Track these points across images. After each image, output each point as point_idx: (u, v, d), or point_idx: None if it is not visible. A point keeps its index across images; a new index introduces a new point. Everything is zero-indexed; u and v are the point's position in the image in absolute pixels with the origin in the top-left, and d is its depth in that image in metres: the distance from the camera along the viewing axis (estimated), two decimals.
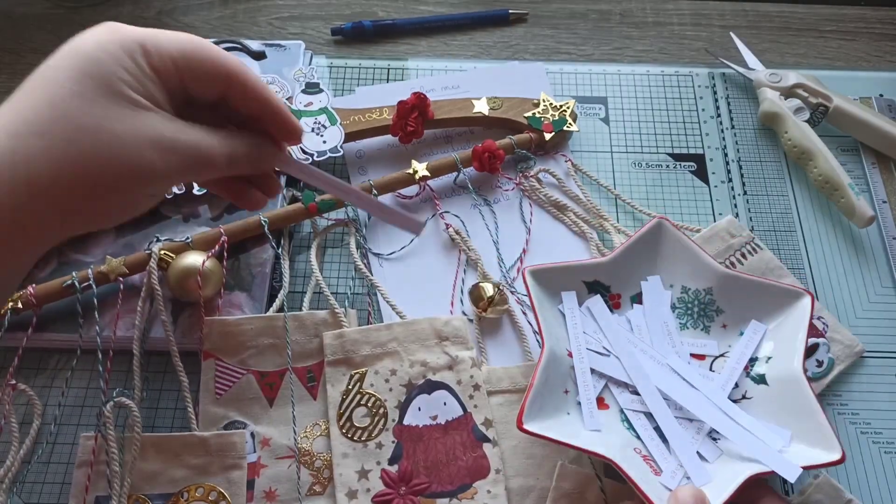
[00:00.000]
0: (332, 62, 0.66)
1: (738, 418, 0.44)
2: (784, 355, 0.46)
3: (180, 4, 0.70)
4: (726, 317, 0.49)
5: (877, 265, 0.56)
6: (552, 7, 0.72)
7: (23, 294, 0.49)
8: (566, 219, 0.57)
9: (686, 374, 0.47)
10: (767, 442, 0.43)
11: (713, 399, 0.45)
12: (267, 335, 0.49)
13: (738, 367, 0.47)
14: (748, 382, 0.47)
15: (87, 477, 0.44)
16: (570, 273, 0.49)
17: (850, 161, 0.61)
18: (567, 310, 0.48)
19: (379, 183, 0.55)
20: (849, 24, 0.71)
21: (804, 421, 0.43)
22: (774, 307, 0.48)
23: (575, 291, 0.49)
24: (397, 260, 0.55)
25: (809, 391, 0.43)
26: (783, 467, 0.40)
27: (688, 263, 0.50)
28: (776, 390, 0.45)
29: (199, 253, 0.50)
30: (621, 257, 0.50)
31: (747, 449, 0.43)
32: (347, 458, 0.46)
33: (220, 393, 0.48)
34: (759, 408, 0.45)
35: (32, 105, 0.30)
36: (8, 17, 0.68)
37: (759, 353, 0.47)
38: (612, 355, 0.48)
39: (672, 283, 0.51)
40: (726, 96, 0.65)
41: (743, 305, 0.49)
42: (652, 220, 0.50)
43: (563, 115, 0.60)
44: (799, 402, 0.43)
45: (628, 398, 0.47)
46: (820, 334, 0.52)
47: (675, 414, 0.45)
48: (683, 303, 0.50)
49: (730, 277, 0.49)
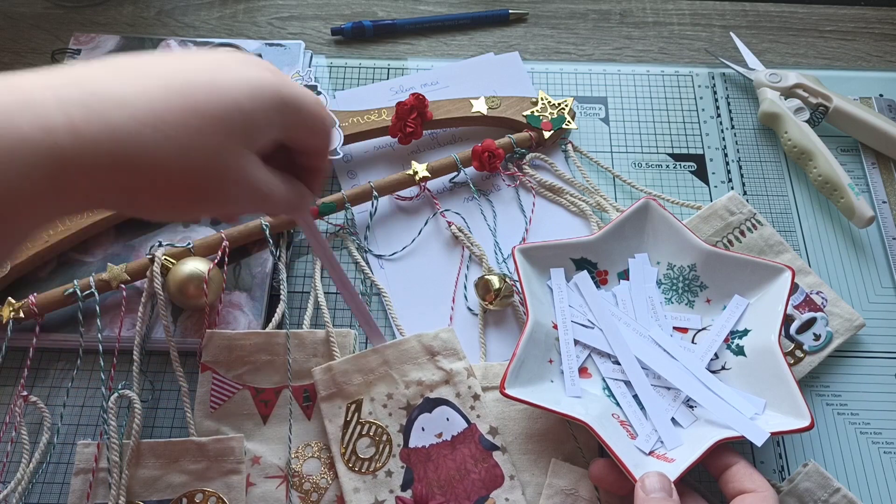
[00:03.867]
0: (332, 62, 0.66)
1: (713, 387, 0.46)
2: (763, 328, 0.47)
3: (180, 4, 0.70)
4: (710, 292, 0.51)
5: (876, 265, 0.56)
6: (552, 7, 0.72)
7: (24, 303, 0.49)
8: (563, 201, 0.58)
9: (667, 346, 0.49)
10: (741, 409, 0.44)
11: (692, 369, 0.47)
12: (265, 352, 0.49)
13: (718, 339, 0.49)
14: (728, 354, 0.49)
15: (88, 484, 0.44)
16: (559, 250, 0.51)
17: (850, 161, 0.61)
18: (555, 285, 0.50)
19: (379, 184, 0.55)
20: (849, 24, 0.71)
21: (778, 390, 0.44)
22: (756, 282, 0.49)
23: (563, 268, 0.51)
24: (398, 260, 0.55)
25: (783, 362, 0.45)
26: (752, 432, 0.42)
27: (673, 241, 0.51)
28: (753, 361, 0.47)
29: (200, 259, 0.50)
30: (609, 235, 0.51)
31: (720, 415, 0.44)
32: (359, 492, 0.45)
33: (215, 406, 0.47)
34: (738, 378, 0.47)
35: (166, 103, 0.29)
36: (8, 17, 0.68)
37: (739, 327, 0.49)
38: (597, 328, 0.50)
39: (658, 260, 0.52)
40: (726, 96, 0.65)
41: (726, 281, 0.50)
42: (639, 199, 0.52)
43: (561, 113, 0.60)
44: (773, 373, 0.45)
45: (610, 367, 0.49)
46: (819, 308, 0.52)
47: (653, 383, 0.47)
48: (669, 279, 0.52)
49: (713, 255, 0.50)
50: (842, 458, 0.49)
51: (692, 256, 0.51)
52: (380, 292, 0.53)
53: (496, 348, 0.52)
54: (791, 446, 0.49)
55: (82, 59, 0.62)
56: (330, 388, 0.48)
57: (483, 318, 0.52)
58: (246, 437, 0.47)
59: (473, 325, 0.52)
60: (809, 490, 0.45)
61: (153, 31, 0.68)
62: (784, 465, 0.49)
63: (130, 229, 0.54)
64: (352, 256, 0.55)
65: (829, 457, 0.49)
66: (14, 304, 0.49)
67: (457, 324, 0.52)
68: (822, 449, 0.49)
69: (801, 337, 0.51)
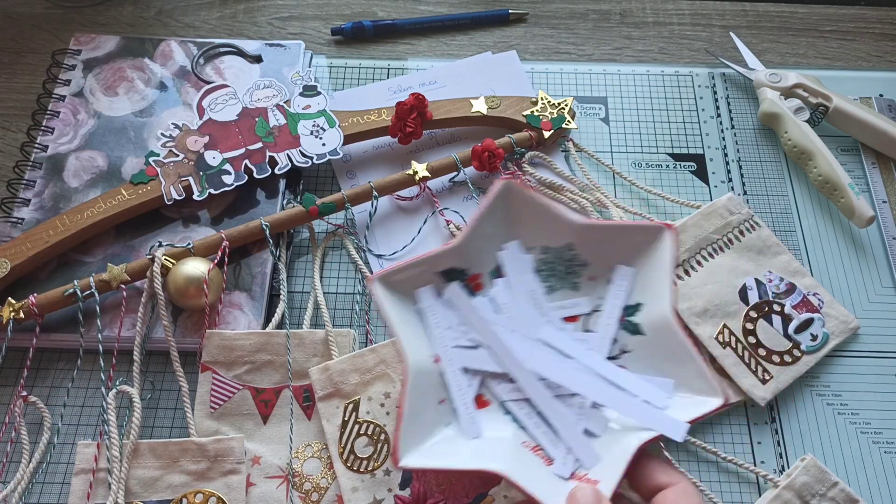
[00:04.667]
0: (332, 62, 0.66)
1: (618, 380, 0.43)
2: (655, 300, 0.43)
3: (180, 4, 0.70)
4: (592, 269, 0.47)
5: (877, 265, 0.56)
6: (552, 7, 0.72)
7: (24, 303, 0.49)
8: (563, 198, 0.58)
9: (560, 345, 0.44)
10: (651, 399, 0.41)
11: (592, 365, 0.43)
12: (265, 351, 0.49)
13: (612, 321, 0.45)
14: (624, 335, 0.45)
15: (88, 484, 0.44)
16: (421, 266, 0.45)
17: (850, 161, 0.61)
18: (426, 308, 0.45)
19: (379, 184, 0.55)
20: (849, 24, 0.71)
21: (684, 368, 0.41)
22: (637, 248, 0.45)
23: (431, 286, 0.46)
24: (398, 260, 0.55)
25: (683, 336, 0.41)
26: (669, 427, 0.39)
27: (544, 222, 0.46)
28: (652, 339, 0.43)
29: (199, 259, 0.50)
30: (472, 234, 0.45)
31: (631, 416, 0.41)
32: (357, 491, 0.45)
33: (215, 406, 0.47)
34: (640, 360, 0.43)
35: None
36: (8, 17, 0.68)
37: (631, 301, 0.45)
38: (482, 346, 0.45)
39: (532, 245, 0.48)
40: (726, 96, 0.65)
41: (606, 253, 0.46)
42: (496, 184, 0.46)
43: (561, 113, 0.60)
44: (675, 349, 0.41)
45: (507, 388, 0.44)
46: (815, 309, 0.52)
47: (555, 393, 0.43)
48: (546, 264, 0.48)
49: (587, 227, 0.46)
50: (842, 457, 0.49)
51: (567, 234, 0.46)
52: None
53: None
54: (791, 444, 0.49)
55: (82, 59, 0.62)
56: (327, 387, 0.48)
57: None
58: (246, 438, 0.47)
59: None
60: (807, 484, 0.45)
61: (153, 32, 0.68)
62: (785, 465, 0.49)
63: (130, 229, 0.54)
64: (350, 256, 0.55)
65: (830, 456, 0.49)
66: (14, 304, 0.49)
67: None
68: (822, 449, 0.49)
69: (799, 336, 0.51)
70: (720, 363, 0.50)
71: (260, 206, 0.56)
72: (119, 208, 0.53)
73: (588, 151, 0.60)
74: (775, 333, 0.51)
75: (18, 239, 0.51)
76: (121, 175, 0.57)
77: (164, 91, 0.61)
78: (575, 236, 0.46)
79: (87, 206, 0.53)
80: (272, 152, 0.56)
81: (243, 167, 0.55)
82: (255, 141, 0.56)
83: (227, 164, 0.55)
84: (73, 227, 0.52)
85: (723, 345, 0.51)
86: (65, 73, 0.61)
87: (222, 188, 0.54)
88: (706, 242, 0.54)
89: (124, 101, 0.60)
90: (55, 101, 0.60)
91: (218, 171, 0.55)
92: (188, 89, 0.61)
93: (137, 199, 0.53)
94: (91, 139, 0.58)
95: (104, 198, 0.53)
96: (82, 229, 0.52)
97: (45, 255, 0.52)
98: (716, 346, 0.51)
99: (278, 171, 0.56)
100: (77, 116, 0.59)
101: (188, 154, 0.55)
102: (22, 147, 0.58)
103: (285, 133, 0.57)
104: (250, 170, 0.55)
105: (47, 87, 0.61)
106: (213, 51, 0.63)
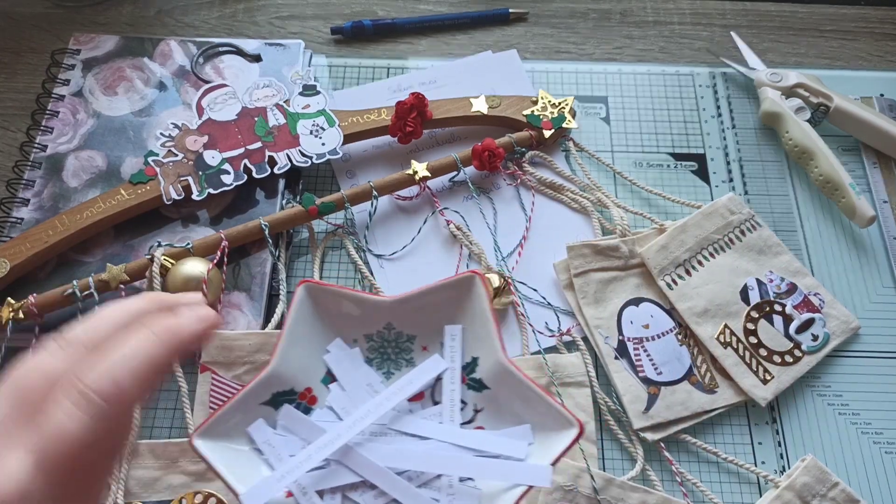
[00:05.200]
0: (332, 62, 0.66)
1: (476, 444, 0.42)
2: (487, 349, 0.43)
3: (180, 4, 0.70)
4: (421, 339, 0.46)
5: (877, 265, 0.56)
6: (552, 6, 0.71)
7: (24, 304, 0.48)
8: (564, 198, 0.58)
9: (412, 429, 0.43)
10: (512, 453, 0.41)
11: (447, 438, 0.42)
12: (265, 352, 0.49)
13: (455, 385, 0.44)
14: (471, 394, 0.44)
15: None
16: (244, 405, 0.42)
17: (851, 161, 0.61)
18: (261, 445, 0.42)
19: (379, 184, 0.55)
20: (849, 23, 0.70)
21: (534, 407, 0.41)
22: (453, 303, 0.44)
23: (261, 419, 0.42)
24: (398, 260, 0.55)
25: (521, 377, 0.41)
26: (534, 477, 0.39)
27: (354, 311, 0.45)
28: (498, 389, 0.43)
29: (199, 259, 0.50)
30: (284, 352, 0.43)
31: (495, 478, 0.41)
32: None
33: (214, 407, 0.47)
34: (495, 415, 0.43)
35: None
36: (8, 17, 0.68)
37: (467, 358, 0.44)
38: (332, 462, 0.42)
39: (354, 337, 0.46)
40: (727, 96, 0.65)
41: (426, 319, 0.45)
42: (297, 289, 0.43)
43: (561, 112, 0.60)
44: (521, 392, 0.41)
45: (370, 496, 0.42)
46: (816, 309, 0.52)
47: (421, 481, 0.42)
48: (375, 351, 0.46)
49: (397, 302, 0.44)
50: (843, 458, 0.49)
51: (382, 315, 0.45)
52: (378, 293, 0.53)
53: None
54: (792, 444, 0.49)
55: (82, 58, 0.62)
56: None
57: None
58: None
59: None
60: (808, 485, 0.45)
61: (153, 31, 0.68)
62: (785, 465, 0.48)
63: (130, 229, 0.54)
64: (350, 256, 0.55)
65: (831, 457, 0.49)
66: (14, 304, 0.49)
67: None
68: (823, 449, 0.49)
69: (800, 337, 0.51)
70: (721, 363, 0.50)
71: (259, 206, 0.56)
72: (118, 208, 0.53)
73: (589, 151, 0.60)
74: (776, 333, 0.51)
75: (18, 239, 0.51)
76: (120, 175, 0.57)
77: (164, 91, 0.61)
78: (390, 315, 0.45)
79: (87, 206, 0.53)
80: (271, 152, 0.56)
81: (242, 167, 0.55)
82: (255, 140, 0.56)
83: (227, 163, 0.55)
84: (73, 227, 0.52)
85: (724, 345, 0.51)
86: (64, 73, 0.61)
87: (221, 188, 0.54)
88: (707, 242, 0.54)
89: (123, 101, 0.60)
90: (54, 101, 0.60)
91: (217, 170, 0.55)
92: (187, 89, 0.61)
93: (136, 199, 0.53)
94: (90, 139, 0.58)
95: (103, 198, 0.53)
96: (81, 229, 0.52)
97: (45, 255, 0.52)
98: (717, 347, 0.50)
99: (278, 171, 0.55)
100: (76, 116, 0.59)
101: (187, 154, 0.55)
102: (21, 147, 0.58)
103: (285, 133, 0.57)
104: (249, 169, 0.55)
105: (47, 87, 0.61)
106: (212, 50, 0.63)
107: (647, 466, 0.47)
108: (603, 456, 0.48)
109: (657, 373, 0.50)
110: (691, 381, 0.50)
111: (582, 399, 0.49)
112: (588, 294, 0.52)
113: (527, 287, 0.54)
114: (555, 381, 0.49)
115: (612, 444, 0.49)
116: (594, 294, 0.52)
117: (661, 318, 0.52)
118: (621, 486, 0.45)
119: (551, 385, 0.48)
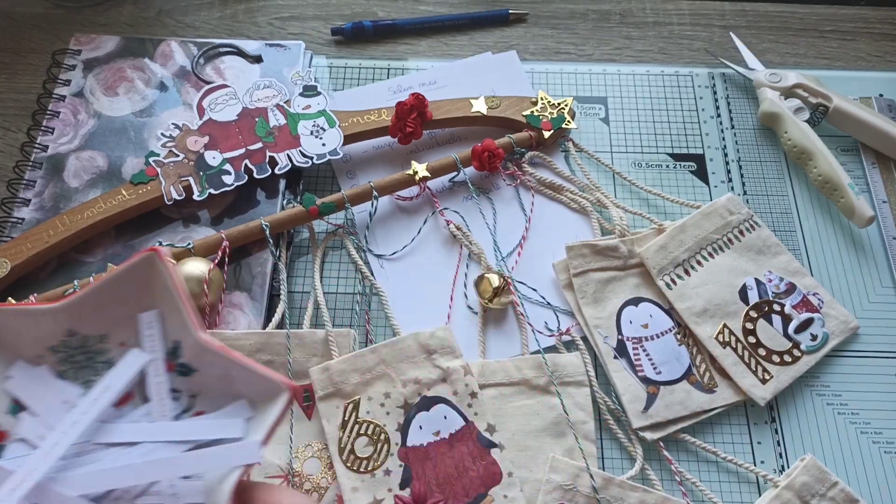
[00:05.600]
0: (332, 62, 0.66)
1: (191, 435, 0.37)
2: (184, 329, 0.38)
3: (180, 4, 0.70)
4: (115, 336, 0.40)
5: (877, 265, 0.56)
6: (552, 7, 0.72)
7: (24, 304, 0.49)
8: (563, 198, 0.58)
9: (121, 436, 0.38)
10: (228, 434, 0.37)
11: (160, 436, 0.38)
12: (265, 351, 0.49)
13: (160, 376, 0.39)
14: (182, 381, 0.39)
15: None
16: None
17: (850, 161, 0.61)
18: None
19: (379, 184, 0.55)
20: (849, 24, 0.71)
21: (245, 379, 0.37)
22: (141, 290, 0.39)
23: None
24: (398, 260, 0.55)
25: (218, 349, 0.37)
26: (243, 456, 0.35)
27: (26, 327, 0.39)
28: (205, 369, 0.39)
29: (200, 260, 0.50)
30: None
31: (208, 468, 0.36)
32: (358, 491, 0.45)
33: None
34: (212, 397, 0.39)
35: None
36: (8, 17, 0.68)
37: (170, 344, 0.39)
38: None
39: (38, 354, 0.39)
40: (726, 96, 0.65)
41: (112, 315, 0.39)
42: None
43: (561, 113, 0.60)
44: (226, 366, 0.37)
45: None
46: (815, 309, 0.52)
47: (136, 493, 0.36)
48: (65, 363, 0.40)
49: (71, 304, 0.39)
50: (842, 457, 0.49)
51: (60, 322, 0.39)
52: (378, 293, 0.53)
53: (496, 346, 0.52)
54: (791, 444, 0.49)
55: (82, 59, 0.62)
56: (327, 387, 0.48)
57: (483, 316, 0.53)
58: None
59: (473, 324, 0.53)
60: (807, 484, 0.45)
61: (153, 32, 0.68)
62: (784, 465, 0.49)
63: (130, 229, 0.54)
64: (350, 256, 0.55)
65: (830, 456, 0.49)
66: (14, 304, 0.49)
67: (457, 322, 0.53)
68: (822, 449, 0.49)
69: (799, 336, 0.51)
70: (720, 363, 0.50)
71: (260, 206, 0.56)
72: (119, 208, 0.53)
73: (588, 151, 0.60)
74: (775, 333, 0.51)
75: (19, 239, 0.52)
76: (121, 175, 0.57)
77: (165, 91, 0.61)
78: (68, 321, 0.39)
79: (88, 206, 0.53)
80: (272, 152, 0.56)
81: (243, 167, 0.55)
82: (255, 141, 0.56)
83: (227, 164, 0.55)
84: (74, 227, 0.52)
85: (723, 344, 0.51)
86: (65, 74, 0.61)
87: (222, 188, 0.54)
88: (706, 242, 0.54)
89: (124, 102, 0.60)
90: (55, 101, 0.60)
91: (218, 171, 0.55)
92: (188, 89, 0.61)
93: (137, 200, 0.54)
94: (91, 139, 0.58)
95: (104, 198, 0.53)
96: (82, 229, 0.52)
97: (45, 255, 0.52)
98: (716, 346, 0.51)
99: (278, 171, 0.56)
100: (77, 116, 0.59)
101: (188, 154, 0.55)
102: (22, 147, 0.58)
103: (285, 133, 0.57)
104: (250, 170, 0.55)
105: (47, 87, 0.61)
106: (213, 51, 0.63)
107: (647, 466, 0.47)
108: (602, 455, 0.49)
109: (656, 372, 0.50)
110: (690, 380, 0.50)
111: (581, 398, 0.49)
112: (587, 294, 0.52)
113: (526, 287, 0.54)
114: (554, 380, 0.49)
115: (612, 443, 0.49)
116: (593, 294, 0.52)
117: (661, 317, 0.52)
118: (620, 485, 0.45)
119: (551, 384, 0.49)
